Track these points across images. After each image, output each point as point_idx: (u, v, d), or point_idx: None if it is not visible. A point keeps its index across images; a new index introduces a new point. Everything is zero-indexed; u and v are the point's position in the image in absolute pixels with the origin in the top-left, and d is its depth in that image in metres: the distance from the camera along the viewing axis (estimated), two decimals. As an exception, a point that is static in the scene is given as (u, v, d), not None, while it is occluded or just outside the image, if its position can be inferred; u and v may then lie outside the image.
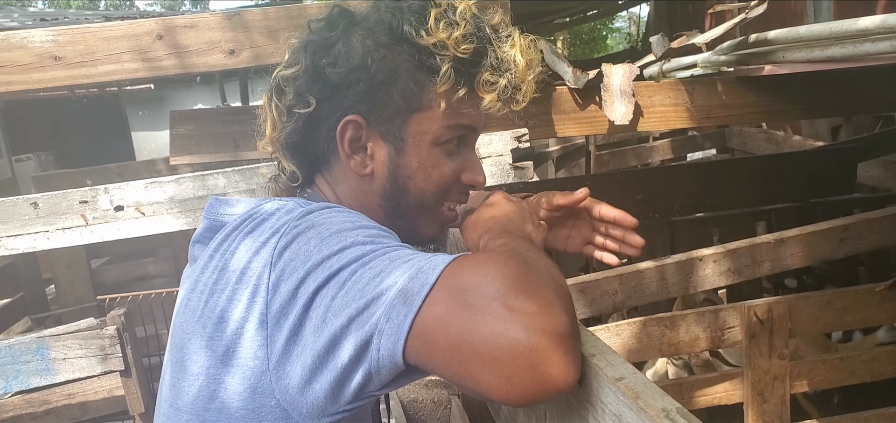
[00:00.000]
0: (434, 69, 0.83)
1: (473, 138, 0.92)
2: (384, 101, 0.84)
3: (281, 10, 1.94)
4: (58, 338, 1.90)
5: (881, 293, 1.98)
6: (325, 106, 0.86)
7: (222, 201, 0.87)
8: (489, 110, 0.86)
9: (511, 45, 0.86)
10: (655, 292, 2.02)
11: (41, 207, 1.86)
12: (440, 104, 0.84)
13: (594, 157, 4.68)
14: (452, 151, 0.89)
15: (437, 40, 0.81)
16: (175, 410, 0.79)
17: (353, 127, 0.86)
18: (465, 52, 0.82)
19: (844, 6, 4.49)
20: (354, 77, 0.84)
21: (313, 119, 0.87)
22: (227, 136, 2.16)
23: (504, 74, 0.84)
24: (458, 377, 0.63)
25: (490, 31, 0.85)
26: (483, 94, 0.84)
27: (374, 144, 0.87)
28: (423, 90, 0.84)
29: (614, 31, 15.72)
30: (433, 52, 0.82)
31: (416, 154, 0.87)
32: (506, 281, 0.62)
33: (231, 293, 0.75)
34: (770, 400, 1.99)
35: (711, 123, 2.34)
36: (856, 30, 1.37)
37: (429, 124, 0.86)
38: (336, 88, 0.85)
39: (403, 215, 0.90)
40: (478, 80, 0.84)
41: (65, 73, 1.83)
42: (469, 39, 0.82)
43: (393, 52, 0.84)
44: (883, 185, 3.24)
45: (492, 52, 0.84)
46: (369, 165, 0.87)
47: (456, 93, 0.84)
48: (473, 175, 0.91)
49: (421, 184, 0.88)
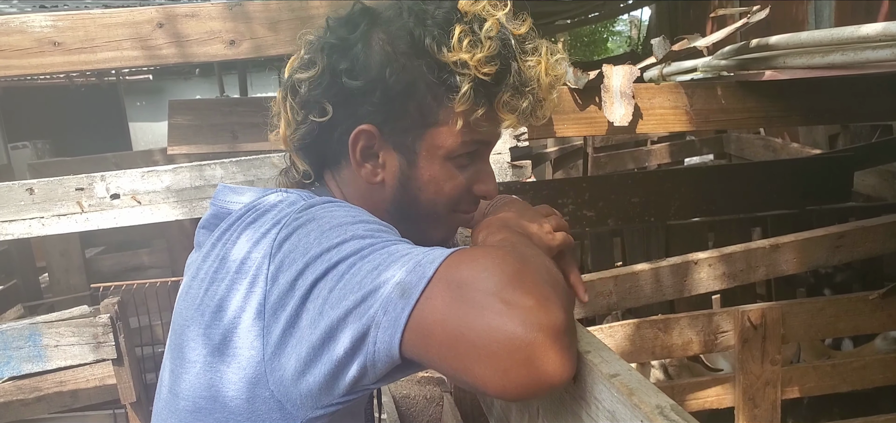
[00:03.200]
0: (454, 88, 0.80)
1: (488, 151, 0.91)
2: (400, 113, 0.82)
3: (282, 3, 1.93)
4: (50, 325, 1.89)
5: (874, 302, 1.99)
6: (340, 111, 0.84)
7: (230, 189, 0.86)
8: (509, 128, 0.85)
9: (536, 61, 0.82)
10: (650, 295, 2.02)
11: (37, 193, 1.85)
12: (457, 122, 0.82)
13: (592, 159, 4.68)
14: (465, 165, 0.87)
15: (459, 59, 0.78)
16: (173, 395, 0.80)
17: (365, 137, 0.84)
18: (488, 74, 0.79)
19: (846, 9, 4.50)
20: (371, 87, 0.82)
21: (328, 124, 0.86)
22: (225, 127, 2.16)
23: (526, 95, 0.82)
24: (454, 371, 0.63)
25: (516, 44, 0.81)
26: (503, 115, 0.82)
27: (386, 155, 0.85)
28: (440, 106, 0.82)
29: (615, 33, 15.74)
30: (454, 71, 0.79)
31: (429, 168, 0.85)
32: (503, 276, 0.62)
33: (230, 283, 0.75)
34: (761, 405, 2.00)
35: (710, 126, 2.34)
36: (857, 37, 1.37)
37: (443, 139, 0.83)
38: (352, 95, 0.83)
39: (412, 220, 0.89)
40: (499, 100, 0.81)
41: (64, 58, 1.83)
42: (492, 61, 0.79)
43: (412, 63, 0.81)
44: (879, 194, 3.25)
45: (515, 69, 0.81)
46: (380, 174, 0.86)
47: (475, 112, 0.81)
48: (485, 186, 0.90)
49: (432, 196, 0.86)
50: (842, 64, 1.48)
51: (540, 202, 2.66)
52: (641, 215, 2.61)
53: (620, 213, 2.57)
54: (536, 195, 2.49)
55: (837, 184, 2.78)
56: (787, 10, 4.99)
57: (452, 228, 0.94)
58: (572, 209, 2.52)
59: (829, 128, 3.89)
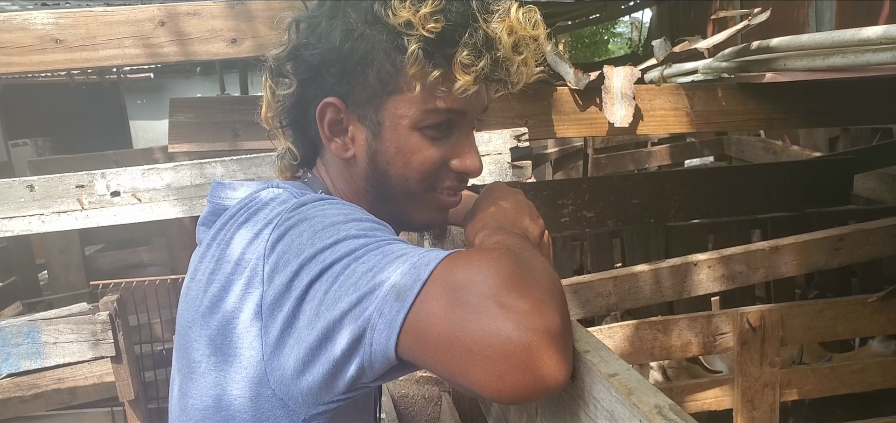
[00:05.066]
0: (404, 49, 0.78)
1: (465, 122, 0.86)
2: (361, 83, 0.82)
3: (284, 0, 1.93)
4: (49, 322, 1.89)
5: (873, 305, 1.99)
6: (310, 87, 0.85)
7: (224, 185, 0.87)
8: (467, 93, 0.80)
9: (500, 20, 0.78)
10: (649, 296, 2.02)
11: (37, 190, 1.85)
12: (416, 86, 0.79)
13: (592, 160, 4.69)
14: (437, 137, 0.84)
15: (405, 19, 0.77)
16: (183, 395, 0.80)
17: (332, 110, 0.84)
18: (432, 31, 0.76)
19: (847, 11, 4.50)
20: (332, 58, 0.82)
21: (302, 100, 0.86)
22: (226, 125, 2.16)
23: (485, 55, 0.78)
24: (449, 374, 0.63)
25: (479, 5, 0.78)
26: (459, 75, 0.78)
27: (355, 128, 0.85)
28: (399, 73, 0.80)
29: (616, 35, 15.75)
30: (402, 32, 0.77)
31: (394, 139, 0.83)
32: (499, 279, 0.62)
33: (226, 282, 0.75)
34: (759, 407, 2.00)
35: (710, 128, 2.34)
36: (858, 40, 1.38)
37: (405, 108, 0.81)
38: (317, 70, 0.83)
39: (391, 199, 0.87)
40: (455, 60, 0.78)
41: (65, 56, 1.83)
42: (436, 17, 0.76)
43: (369, 31, 0.80)
44: (878, 197, 3.25)
45: (472, 29, 0.77)
46: (351, 149, 0.86)
47: (429, 74, 0.78)
48: (463, 161, 0.86)
49: (401, 170, 0.84)
50: (842, 66, 1.48)
51: (540, 203, 2.65)
52: (641, 216, 2.61)
53: (620, 214, 2.58)
54: (536, 196, 2.49)
55: (837, 187, 2.79)
56: (788, 12, 4.99)
57: (436, 209, 0.90)
58: (572, 210, 2.52)
59: (830, 130, 3.90)
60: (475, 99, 0.83)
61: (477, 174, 0.89)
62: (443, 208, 0.91)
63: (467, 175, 0.89)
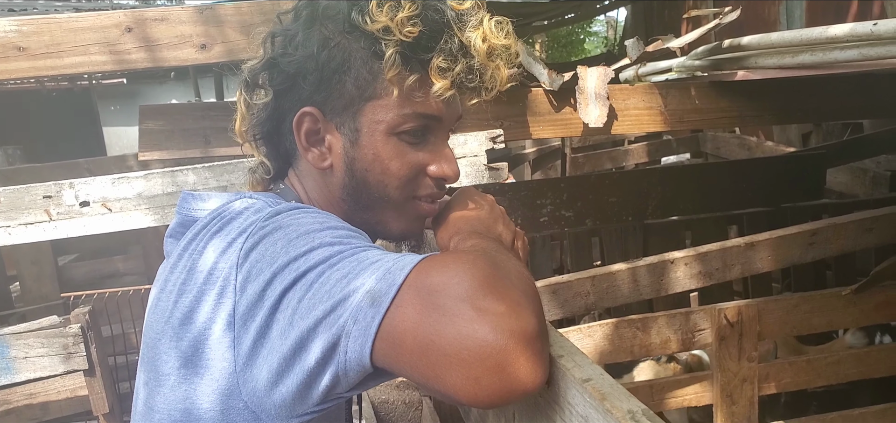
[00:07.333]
0: (381, 55, 0.78)
1: (441, 129, 0.87)
2: (338, 90, 0.82)
3: (254, 6, 1.91)
4: (19, 336, 1.84)
5: (847, 297, 2.01)
6: (286, 98, 0.84)
7: (194, 196, 0.85)
8: (443, 97, 0.81)
9: (473, 29, 0.80)
10: (627, 294, 2.03)
11: (3, 202, 1.80)
12: (393, 92, 0.80)
13: (570, 159, 4.71)
14: (414, 143, 0.84)
15: (382, 25, 0.78)
16: (148, 409, 0.78)
17: (309, 119, 0.84)
18: (409, 34, 0.77)
19: (816, 9, 4.58)
20: (309, 66, 0.82)
21: (277, 112, 0.86)
22: (197, 132, 2.12)
23: (460, 61, 0.79)
24: (425, 380, 0.62)
25: (453, 15, 0.80)
26: (436, 80, 0.79)
27: (332, 137, 0.84)
28: (375, 79, 0.81)
29: (592, 34, 15.86)
30: (379, 38, 0.78)
31: (372, 145, 0.83)
32: (474, 282, 0.61)
33: (199, 294, 0.74)
34: (739, 402, 2.02)
35: (685, 126, 2.36)
36: (826, 37, 1.39)
37: (383, 113, 0.81)
38: (293, 80, 0.83)
39: (368, 208, 0.87)
40: (431, 66, 0.79)
41: (29, 64, 1.79)
42: (413, 22, 0.77)
43: (345, 39, 0.81)
44: (850, 191, 3.31)
45: (449, 36, 0.79)
46: (328, 158, 0.85)
47: (407, 79, 0.79)
48: (441, 167, 0.86)
49: (379, 177, 0.84)
50: (811, 64, 1.50)
51: (518, 204, 2.65)
52: (619, 214, 2.62)
53: (598, 213, 2.59)
54: (515, 197, 2.49)
55: (810, 182, 2.83)
56: (759, 11, 5.07)
57: (414, 217, 0.90)
58: (551, 210, 2.52)
59: (802, 126, 3.96)
60: (450, 106, 0.84)
61: (455, 180, 0.89)
62: (421, 217, 0.90)
63: (445, 181, 0.89)
